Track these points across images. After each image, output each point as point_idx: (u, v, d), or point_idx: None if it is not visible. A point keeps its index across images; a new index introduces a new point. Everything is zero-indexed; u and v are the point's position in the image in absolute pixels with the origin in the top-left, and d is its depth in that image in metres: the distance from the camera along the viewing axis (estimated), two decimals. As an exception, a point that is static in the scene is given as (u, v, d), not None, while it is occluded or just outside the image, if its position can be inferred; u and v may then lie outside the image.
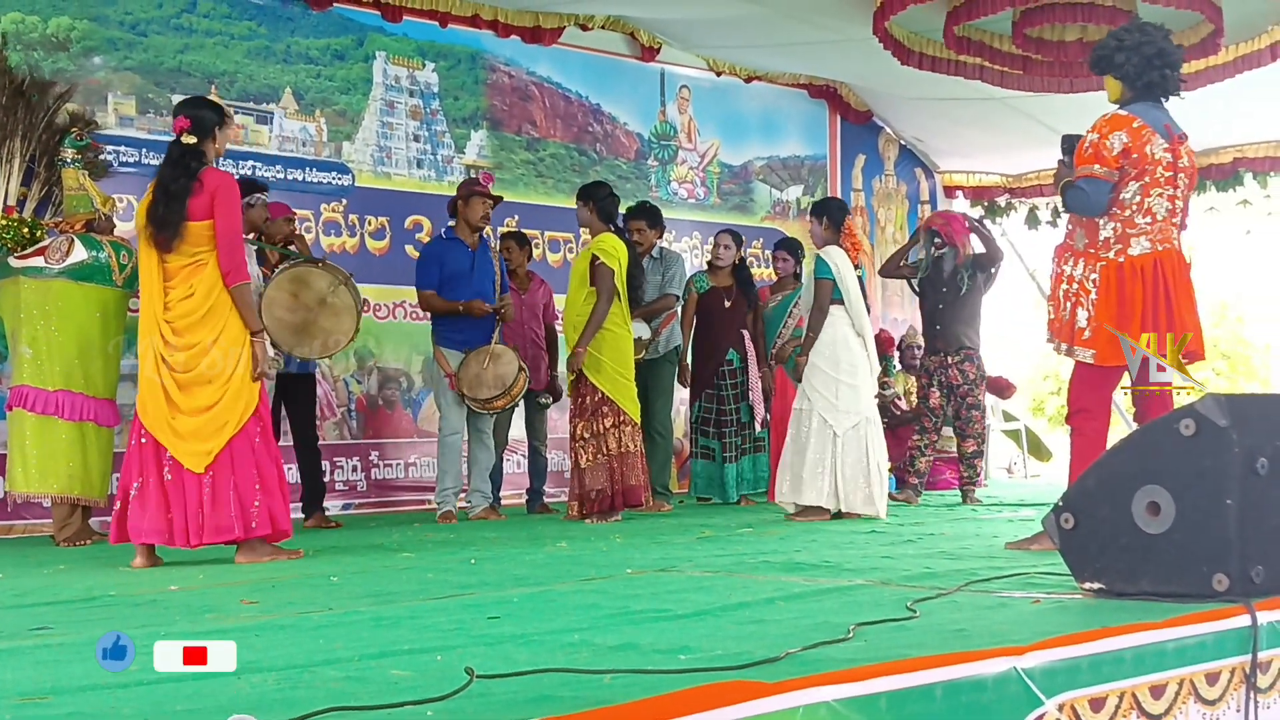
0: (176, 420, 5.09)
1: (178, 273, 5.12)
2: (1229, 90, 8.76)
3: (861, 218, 11.74)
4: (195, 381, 5.11)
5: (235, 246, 5.14)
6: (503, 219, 9.10)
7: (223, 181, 5.16)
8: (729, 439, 8.25)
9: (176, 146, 5.16)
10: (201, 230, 5.08)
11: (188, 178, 5.07)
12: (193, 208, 5.06)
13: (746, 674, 2.33)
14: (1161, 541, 3.20)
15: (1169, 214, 4.76)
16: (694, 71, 10.47)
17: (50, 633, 3.35)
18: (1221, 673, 2.87)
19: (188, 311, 5.11)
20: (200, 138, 5.14)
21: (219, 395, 5.11)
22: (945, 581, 3.86)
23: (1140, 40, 4.81)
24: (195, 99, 5.62)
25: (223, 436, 5.10)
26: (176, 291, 5.12)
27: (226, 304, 5.13)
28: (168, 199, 5.07)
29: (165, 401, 5.11)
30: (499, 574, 4.57)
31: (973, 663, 2.38)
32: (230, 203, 5.14)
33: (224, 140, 5.29)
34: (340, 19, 8.52)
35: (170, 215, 5.05)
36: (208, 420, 5.10)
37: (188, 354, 5.10)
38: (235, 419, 5.12)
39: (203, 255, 5.11)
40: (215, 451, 5.08)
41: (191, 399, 5.11)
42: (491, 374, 7.15)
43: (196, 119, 5.15)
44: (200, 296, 5.10)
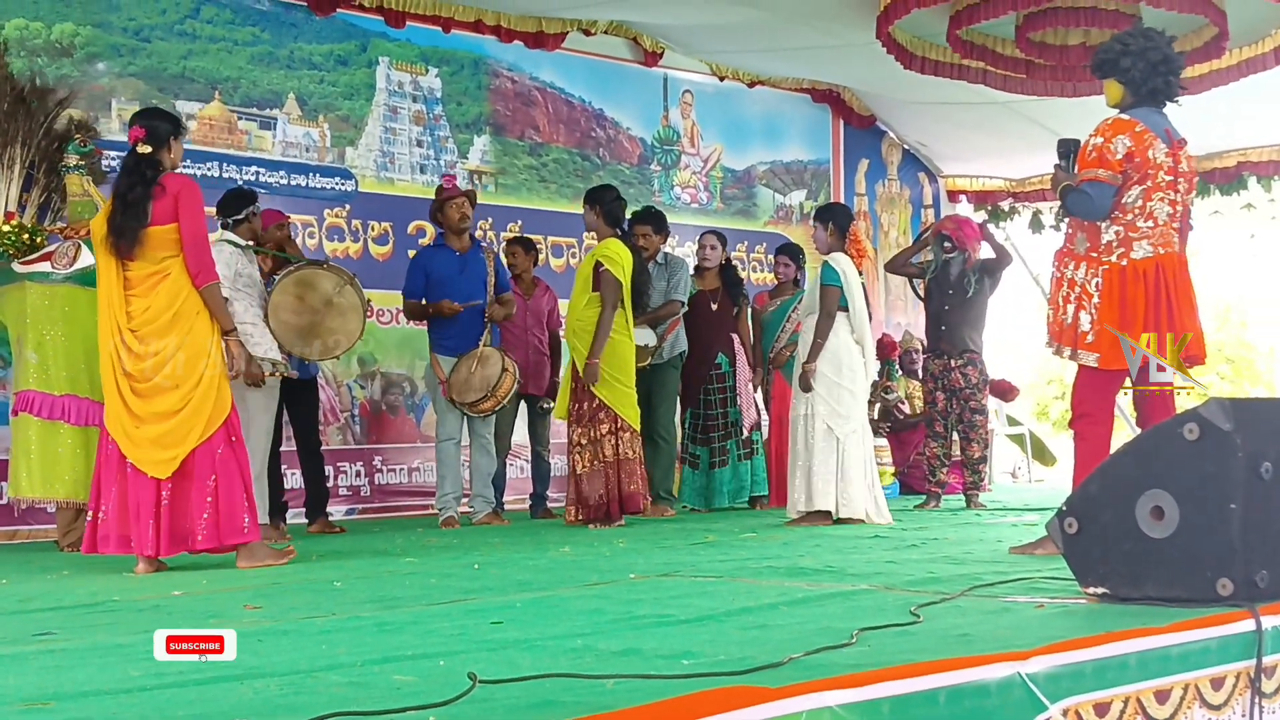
0: (138, 428, 5.06)
1: (142, 281, 5.10)
2: (1233, 94, 8.76)
3: (865, 222, 11.74)
4: (157, 389, 5.08)
5: (202, 248, 5.13)
6: (505, 224, 9.12)
7: (185, 184, 5.18)
8: (716, 444, 8.25)
9: (132, 156, 5.15)
10: (165, 235, 5.07)
11: (144, 185, 5.07)
12: (156, 212, 5.05)
13: (749, 679, 2.33)
14: (1165, 546, 3.19)
15: (1170, 218, 4.76)
16: (697, 76, 10.48)
17: (53, 638, 3.35)
18: (1226, 677, 2.86)
19: (151, 319, 5.09)
20: (155, 147, 5.13)
21: (183, 401, 5.07)
22: (949, 586, 3.86)
23: (1145, 46, 4.81)
24: (151, 110, 5.67)
25: (187, 444, 5.06)
26: (140, 300, 5.10)
27: (192, 309, 5.12)
28: (125, 207, 5.06)
29: (124, 410, 5.08)
30: (502, 579, 4.57)
31: (976, 668, 2.37)
32: (193, 205, 5.13)
33: (179, 150, 5.30)
34: (343, 25, 8.54)
35: (128, 222, 5.04)
36: (173, 427, 5.06)
37: (151, 361, 5.07)
38: (200, 426, 5.08)
39: (167, 262, 5.09)
40: (179, 459, 5.05)
41: (152, 406, 5.07)
42: (478, 377, 7.17)
43: (151, 129, 5.15)
44: (164, 303, 5.09)
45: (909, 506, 8.23)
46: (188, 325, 5.11)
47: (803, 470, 6.87)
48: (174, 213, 5.07)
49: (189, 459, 5.06)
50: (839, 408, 6.85)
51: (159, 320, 5.08)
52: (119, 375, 5.09)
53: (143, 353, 5.07)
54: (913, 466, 9.58)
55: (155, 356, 5.07)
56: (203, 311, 5.14)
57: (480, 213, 8.94)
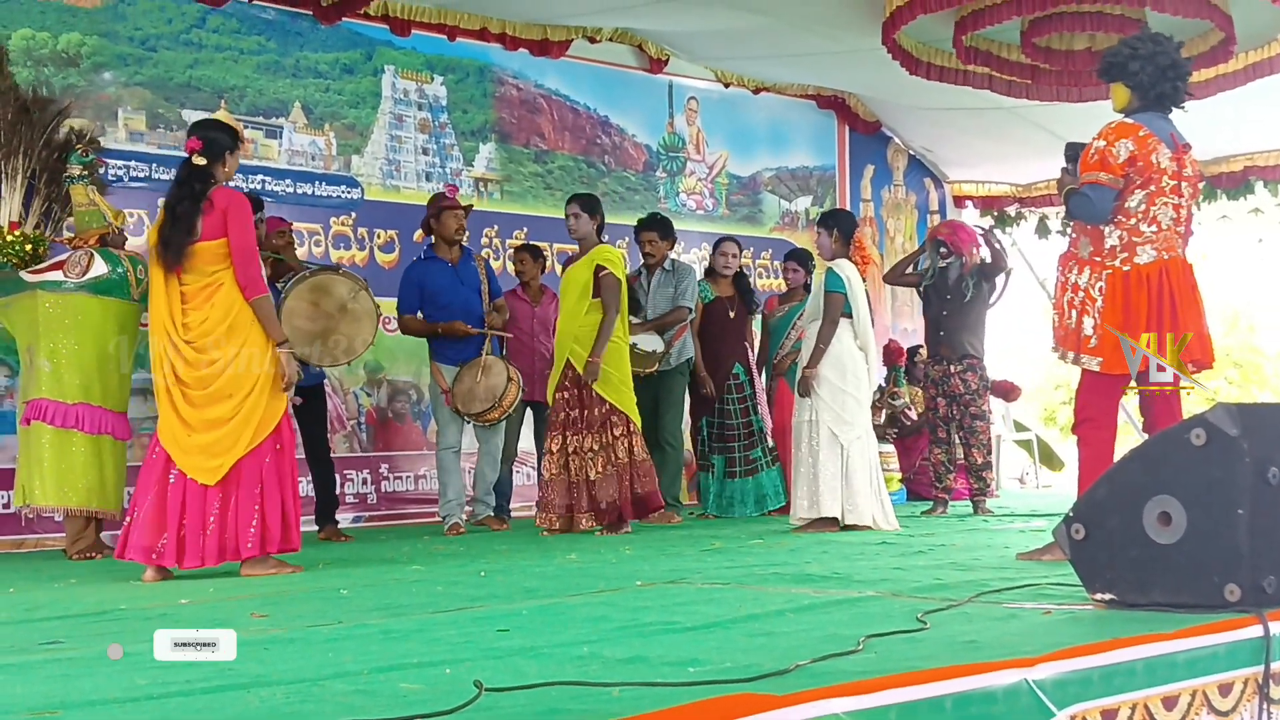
0: (189, 436, 5.12)
1: (196, 293, 5.17)
2: (1239, 98, 8.76)
3: (870, 228, 11.74)
4: (212, 397, 5.15)
5: (251, 261, 5.18)
6: (511, 231, 9.12)
7: (233, 199, 5.22)
8: (738, 453, 8.24)
9: (185, 167, 5.21)
10: (214, 249, 5.13)
11: (193, 200, 5.12)
12: (205, 227, 5.11)
13: (756, 686, 2.32)
14: (1173, 552, 3.19)
15: (1174, 222, 4.75)
16: (702, 83, 10.48)
17: (61, 647, 3.35)
18: (1234, 683, 2.85)
19: (209, 330, 5.15)
20: (210, 159, 5.19)
21: (235, 410, 5.14)
22: (956, 593, 3.85)
23: (1154, 50, 4.79)
24: (209, 121, 5.69)
25: (235, 453, 5.12)
26: (197, 312, 5.17)
27: (246, 320, 5.17)
28: (174, 220, 5.13)
29: (176, 417, 5.14)
30: (508, 586, 4.57)
31: (983, 674, 2.37)
32: (243, 219, 5.18)
33: (234, 164, 5.33)
34: (349, 33, 8.55)
35: (175, 236, 5.10)
36: (222, 435, 5.13)
37: (207, 370, 5.14)
38: (249, 435, 5.14)
39: (220, 274, 5.16)
40: (226, 466, 5.10)
41: (205, 414, 5.14)
42: (483, 387, 7.17)
43: (208, 141, 5.21)
44: (219, 315, 5.15)
45: (916, 513, 8.22)
46: (244, 335, 5.18)
47: (806, 477, 6.86)
48: (223, 228, 5.13)
49: (236, 467, 5.12)
50: (843, 413, 6.84)
51: (216, 331, 5.15)
52: (171, 383, 5.17)
53: (199, 361, 5.15)
54: (919, 472, 9.57)
55: (212, 365, 5.15)
56: (256, 323, 5.19)
57: (486, 220, 8.99)
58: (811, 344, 6.95)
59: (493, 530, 7.46)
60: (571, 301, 6.94)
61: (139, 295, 6.50)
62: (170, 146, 7.66)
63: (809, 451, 6.86)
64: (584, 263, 6.96)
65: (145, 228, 7.45)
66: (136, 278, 6.46)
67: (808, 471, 6.85)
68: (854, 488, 6.80)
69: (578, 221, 6.99)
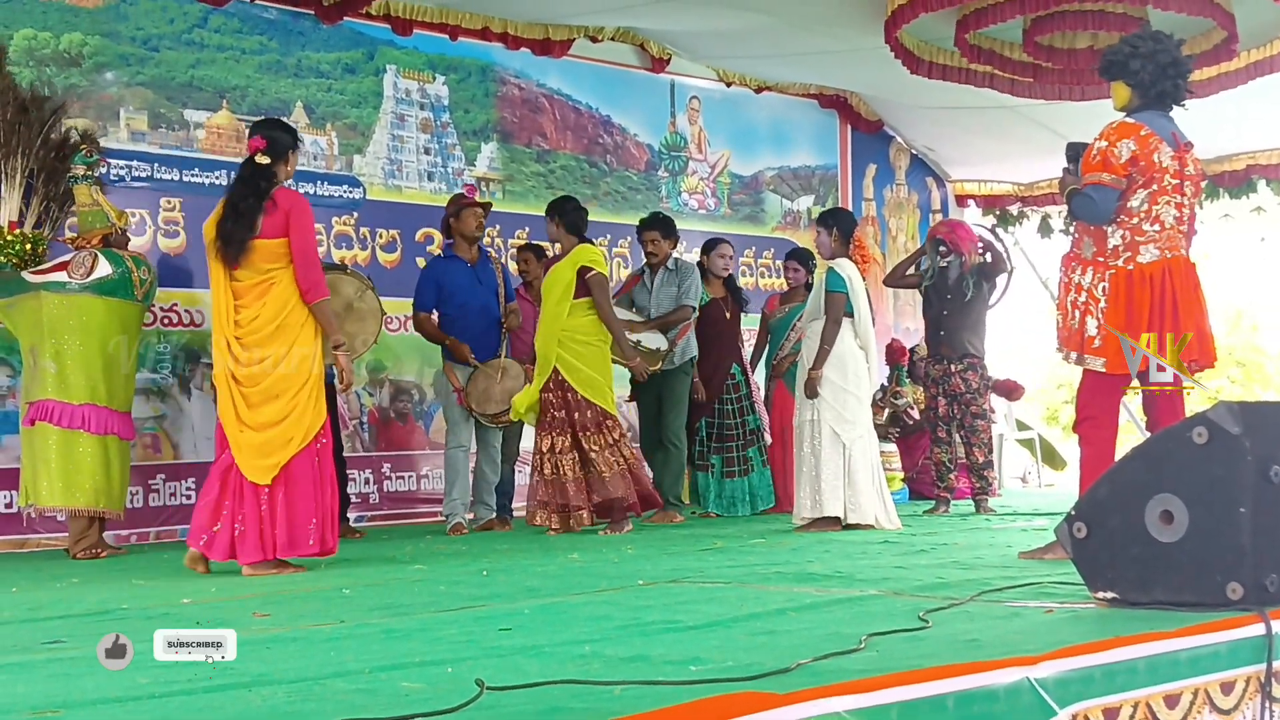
0: (242, 434, 5.21)
1: (249, 290, 5.26)
2: (1241, 97, 8.74)
3: (873, 227, 11.73)
4: (263, 396, 5.23)
5: (312, 264, 5.28)
6: (514, 231, 9.12)
7: (296, 201, 5.33)
8: (736, 453, 8.25)
9: (249, 165, 5.31)
10: (273, 248, 5.23)
11: (257, 197, 5.22)
12: (265, 226, 5.21)
13: (758, 685, 2.32)
14: (1175, 550, 3.18)
15: (1176, 221, 4.74)
16: (704, 82, 10.48)
17: (63, 646, 3.36)
18: (1236, 682, 2.85)
19: (257, 328, 5.24)
20: (274, 159, 5.29)
21: (285, 411, 5.23)
22: (958, 591, 3.85)
23: (1155, 49, 4.79)
24: (272, 120, 5.82)
25: (287, 451, 5.21)
26: (248, 310, 5.25)
27: (297, 321, 5.26)
28: (236, 216, 5.22)
29: (235, 415, 5.24)
30: (511, 586, 4.57)
31: (985, 673, 2.37)
32: (305, 222, 5.29)
33: (295, 163, 5.44)
34: (351, 33, 8.55)
35: (237, 232, 5.20)
36: (275, 435, 5.21)
37: (256, 368, 5.23)
38: (300, 435, 5.24)
39: (275, 273, 5.25)
40: (279, 466, 5.19)
41: (258, 414, 5.23)
42: (500, 389, 7.19)
43: (272, 140, 5.32)
44: (270, 314, 5.24)
45: (918, 512, 8.21)
46: (292, 336, 5.26)
47: (809, 476, 6.86)
48: (284, 228, 5.22)
49: (290, 466, 5.20)
50: (845, 413, 6.84)
51: (265, 329, 5.24)
52: (230, 381, 5.26)
53: (247, 360, 5.24)
54: (921, 472, 9.57)
55: (259, 365, 5.23)
56: (308, 323, 5.29)
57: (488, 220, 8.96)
58: (813, 344, 6.94)
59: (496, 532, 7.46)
60: (553, 302, 6.86)
61: (142, 295, 6.52)
62: (172, 146, 7.67)
63: (811, 451, 6.86)
64: (566, 263, 6.88)
65: (147, 227, 7.48)
66: (140, 278, 6.47)
67: (810, 471, 6.85)
68: (856, 486, 6.80)
69: (548, 228, 7.04)
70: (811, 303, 7.17)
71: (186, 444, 7.59)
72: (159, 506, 7.41)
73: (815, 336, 6.94)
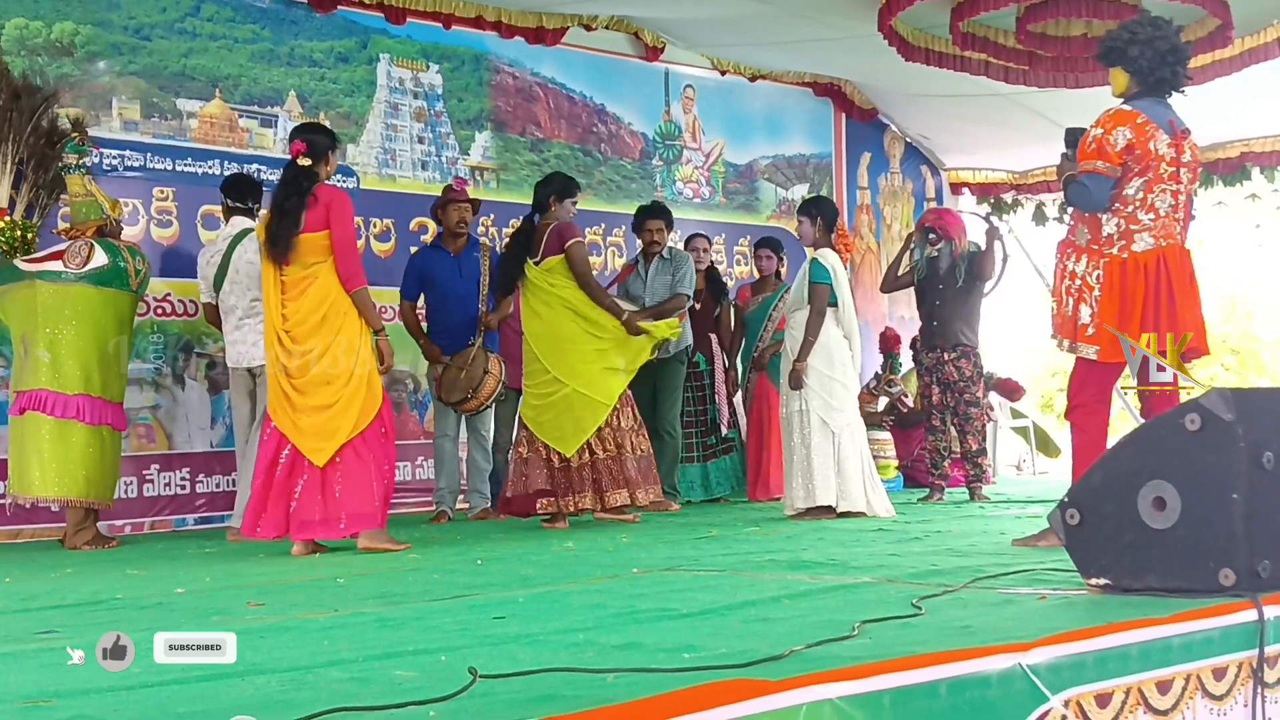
0: (300, 420, 5.47)
1: (295, 285, 5.53)
2: (1236, 84, 8.74)
3: (867, 215, 11.73)
4: (313, 384, 5.49)
5: (351, 254, 5.54)
6: (507, 220, 9.10)
7: (336, 195, 5.58)
8: (695, 439, 8.38)
9: (292, 168, 5.56)
10: (315, 241, 5.47)
11: (300, 196, 5.48)
12: (308, 220, 5.46)
13: (750, 672, 2.33)
14: (1167, 537, 3.19)
15: (1172, 210, 4.74)
16: (698, 71, 10.46)
17: (56, 636, 3.35)
18: (1228, 668, 2.86)
19: (303, 319, 5.50)
20: (314, 160, 5.54)
21: (335, 396, 5.49)
22: (951, 579, 3.85)
23: (1154, 34, 4.77)
24: (311, 125, 6.19)
25: (342, 435, 5.46)
26: (294, 304, 5.52)
27: (340, 311, 5.51)
28: (281, 216, 5.48)
29: (287, 403, 5.49)
30: (505, 574, 4.57)
31: (978, 659, 2.37)
32: (344, 214, 5.53)
33: (335, 163, 5.72)
34: (344, 21, 8.53)
35: (283, 231, 5.46)
36: (328, 419, 5.47)
37: (304, 359, 5.48)
38: (354, 418, 5.48)
39: (317, 267, 5.49)
40: (335, 448, 5.44)
41: (309, 400, 5.49)
42: (464, 377, 7.23)
43: (312, 143, 5.56)
44: (313, 304, 5.50)
45: (913, 500, 8.22)
46: (336, 326, 5.51)
47: (800, 465, 6.86)
48: (325, 220, 5.48)
49: (348, 449, 5.47)
50: (832, 401, 6.86)
51: (309, 322, 5.50)
52: (279, 372, 5.52)
53: (296, 351, 5.49)
54: (916, 460, 9.58)
55: (306, 355, 5.49)
56: (350, 312, 5.53)
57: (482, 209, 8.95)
58: (797, 334, 6.94)
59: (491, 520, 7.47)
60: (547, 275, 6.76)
61: (136, 286, 6.50)
62: (164, 136, 7.65)
63: (801, 441, 6.87)
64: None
65: (140, 217, 7.46)
66: (135, 268, 6.46)
67: (801, 460, 6.86)
68: (846, 474, 6.82)
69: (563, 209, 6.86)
70: (794, 293, 7.17)
71: (180, 434, 7.58)
72: (153, 497, 7.41)
73: (799, 327, 6.94)
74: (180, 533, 7.30)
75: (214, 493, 7.59)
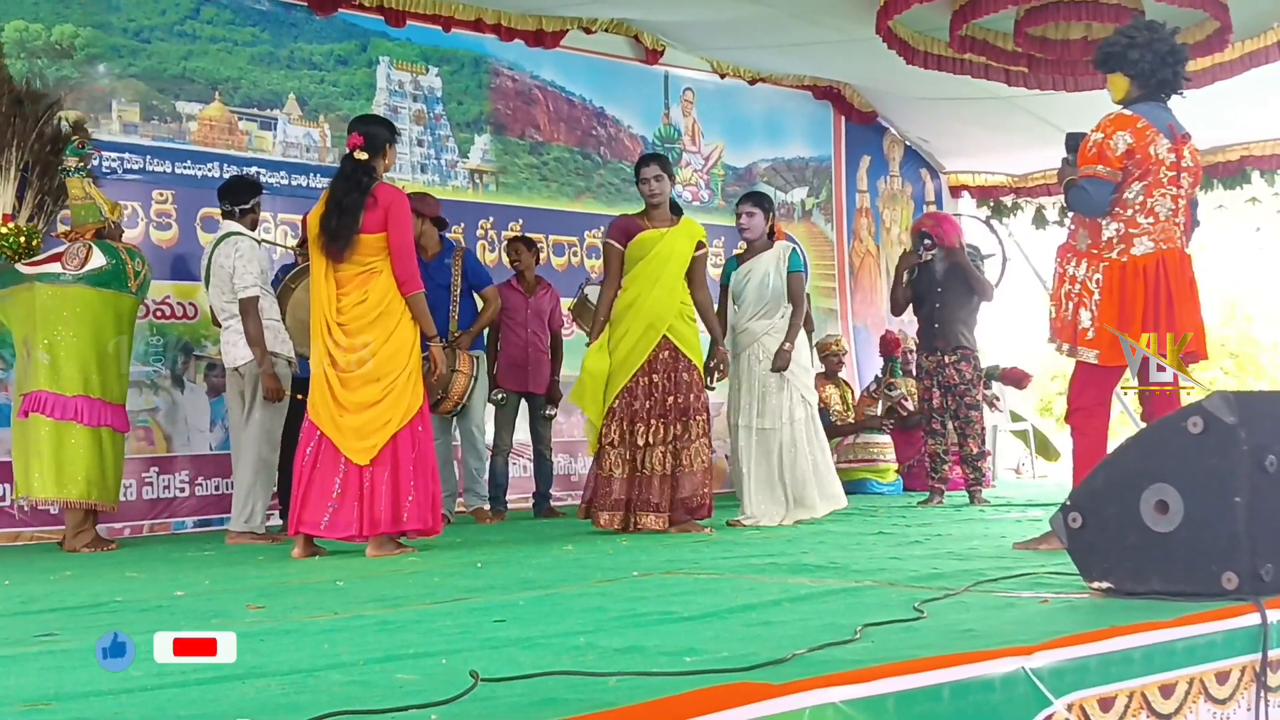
0: (342, 417, 5.45)
1: (350, 280, 5.48)
2: (1235, 88, 8.74)
3: (867, 219, 11.73)
4: (362, 379, 5.47)
5: (409, 257, 5.54)
6: (507, 223, 9.11)
7: (396, 197, 5.55)
8: None
9: (349, 161, 5.52)
10: (374, 242, 5.46)
11: (360, 193, 5.45)
12: (366, 221, 5.44)
13: (752, 675, 2.32)
14: (1170, 540, 3.18)
15: (1172, 214, 4.74)
16: (698, 74, 10.46)
17: (55, 639, 3.35)
18: (1232, 671, 2.85)
19: (360, 315, 5.48)
20: (372, 154, 5.50)
21: (384, 393, 5.47)
22: (953, 582, 3.85)
23: (1152, 38, 4.78)
24: (369, 116, 6.13)
25: (386, 433, 5.45)
26: (350, 297, 5.49)
27: (396, 310, 5.52)
28: (340, 212, 5.44)
29: (331, 398, 5.47)
30: (505, 578, 4.57)
31: (980, 663, 2.36)
32: (403, 218, 5.52)
33: (393, 156, 5.69)
34: (343, 24, 8.53)
35: (343, 228, 5.42)
36: (372, 416, 5.46)
37: (358, 354, 5.47)
38: (399, 417, 5.47)
39: (375, 264, 5.48)
40: (379, 446, 5.43)
41: (356, 395, 5.47)
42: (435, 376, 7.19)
43: (369, 135, 5.52)
44: (373, 301, 5.49)
45: (913, 503, 8.22)
46: (392, 323, 5.50)
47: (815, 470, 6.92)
48: (384, 223, 5.45)
49: (389, 447, 5.44)
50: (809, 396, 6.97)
51: (367, 316, 5.50)
52: (327, 366, 5.51)
53: (348, 345, 5.48)
54: (916, 463, 9.57)
55: (360, 350, 5.48)
56: (405, 315, 5.54)
57: (481, 211, 8.98)
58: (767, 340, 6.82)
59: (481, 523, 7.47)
60: (673, 274, 6.42)
61: (136, 288, 6.50)
62: (164, 138, 7.65)
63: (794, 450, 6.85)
64: (680, 233, 6.50)
65: (139, 220, 7.46)
66: (134, 270, 6.45)
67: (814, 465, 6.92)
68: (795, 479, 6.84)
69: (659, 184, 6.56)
70: (755, 292, 6.88)
71: (179, 436, 7.57)
72: (152, 499, 7.40)
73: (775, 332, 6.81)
74: (179, 535, 7.29)
75: (213, 495, 7.58)
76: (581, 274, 9.24)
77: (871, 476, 9.53)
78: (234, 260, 6.38)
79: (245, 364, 6.41)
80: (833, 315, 11.05)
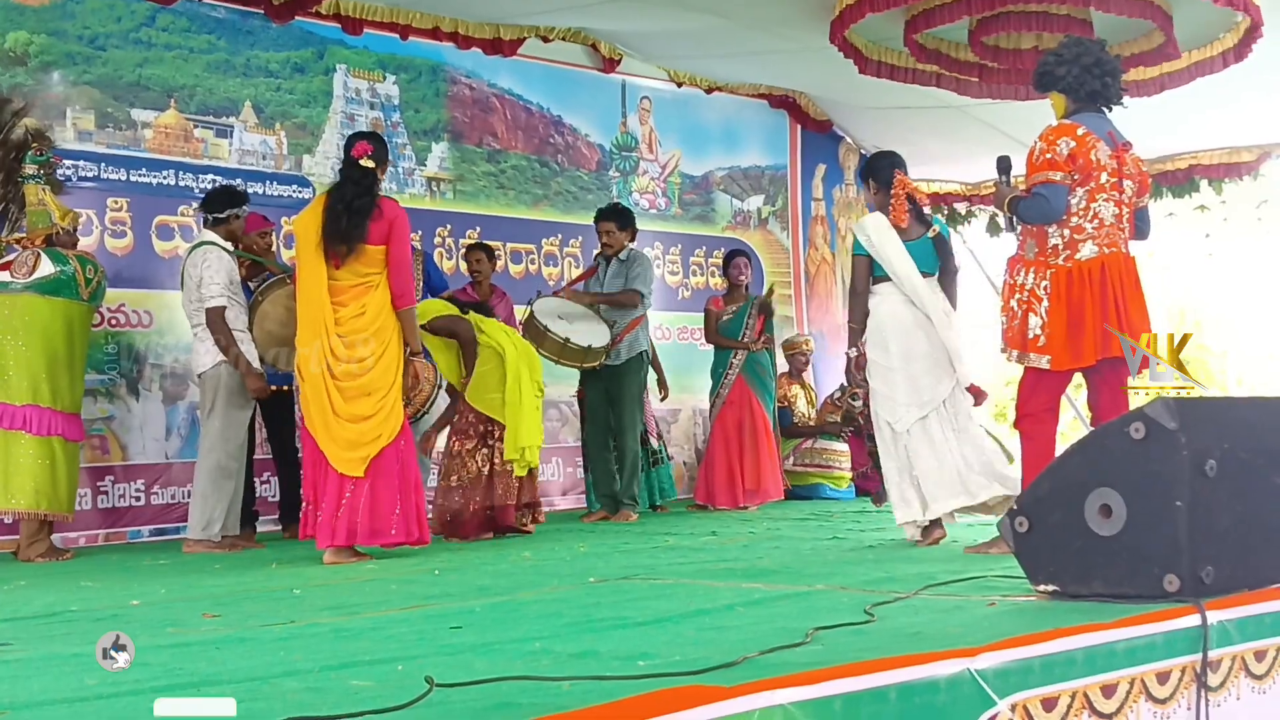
0: (335, 426, 5.48)
1: (347, 291, 5.55)
2: (1183, 98, 8.86)
3: (822, 227, 11.80)
4: (358, 392, 5.52)
5: (406, 273, 5.63)
6: (464, 230, 9.11)
7: (399, 213, 5.66)
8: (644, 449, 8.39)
9: (357, 169, 5.57)
10: (375, 254, 5.53)
11: (370, 197, 5.51)
12: (371, 231, 5.50)
13: (704, 679, 2.36)
14: (1113, 543, 3.25)
15: (1116, 219, 4.84)
16: (655, 83, 10.50)
17: (10, 649, 3.34)
18: (1172, 672, 2.91)
19: (359, 328, 5.52)
20: (376, 164, 5.61)
21: (376, 408, 5.53)
22: (904, 586, 3.90)
23: (1077, 52, 4.95)
24: (372, 133, 6.24)
25: (376, 446, 5.50)
26: (348, 310, 5.54)
27: (390, 325, 5.58)
28: (350, 214, 5.48)
29: (328, 407, 5.50)
30: (462, 584, 4.59)
31: (927, 665, 2.41)
32: (404, 233, 5.63)
33: (384, 174, 5.77)
34: (300, 32, 8.51)
35: (353, 228, 5.47)
36: (365, 429, 5.50)
37: (355, 365, 5.51)
38: (389, 431, 5.53)
39: (373, 278, 5.55)
40: (368, 459, 5.47)
41: (352, 408, 5.52)
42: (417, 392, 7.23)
43: (376, 148, 5.65)
44: (371, 315, 5.54)
45: (867, 508, 8.29)
46: (386, 338, 5.58)
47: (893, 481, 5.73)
48: (386, 236, 5.54)
49: (379, 459, 5.50)
50: (894, 394, 5.66)
51: (366, 330, 5.53)
52: (325, 374, 5.50)
53: (346, 357, 5.53)
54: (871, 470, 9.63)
55: (357, 362, 5.53)
56: (397, 328, 5.61)
57: (439, 219, 8.98)
58: None
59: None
60: None
61: (89, 295, 6.45)
62: (119, 146, 7.60)
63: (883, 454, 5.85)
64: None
65: (94, 228, 7.41)
66: (86, 277, 6.40)
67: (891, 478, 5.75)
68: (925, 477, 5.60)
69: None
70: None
71: (135, 445, 7.52)
72: (108, 508, 7.35)
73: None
74: (135, 544, 7.24)
75: (169, 504, 7.53)
76: (538, 281, 9.26)
77: (825, 482, 9.61)
78: (201, 270, 6.36)
79: (207, 370, 6.39)
80: (789, 322, 11.10)
